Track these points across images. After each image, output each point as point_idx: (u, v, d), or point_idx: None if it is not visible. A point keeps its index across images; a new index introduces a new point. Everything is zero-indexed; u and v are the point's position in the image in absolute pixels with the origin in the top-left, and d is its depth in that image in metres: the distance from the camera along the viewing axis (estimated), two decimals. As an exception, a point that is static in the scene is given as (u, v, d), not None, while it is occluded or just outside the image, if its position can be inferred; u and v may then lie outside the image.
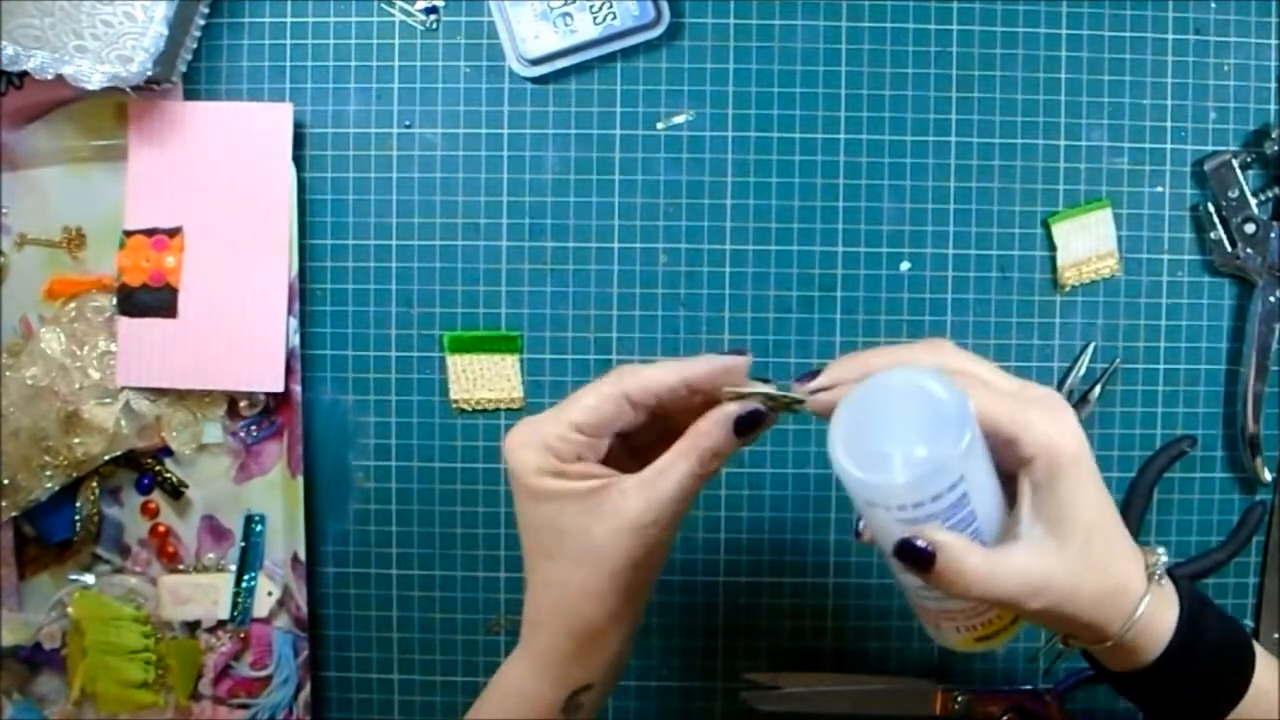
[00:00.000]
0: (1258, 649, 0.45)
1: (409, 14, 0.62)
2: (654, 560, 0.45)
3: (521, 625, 0.47)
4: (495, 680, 0.48)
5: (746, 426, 0.44)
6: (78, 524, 0.63)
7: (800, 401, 0.44)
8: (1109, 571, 0.42)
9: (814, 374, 0.44)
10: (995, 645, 0.47)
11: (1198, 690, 0.43)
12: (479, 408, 0.63)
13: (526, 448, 0.44)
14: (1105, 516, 0.42)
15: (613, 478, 0.44)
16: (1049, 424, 0.41)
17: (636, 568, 0.44)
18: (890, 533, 0.41)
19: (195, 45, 0.62)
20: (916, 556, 0.40)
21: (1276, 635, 0.63)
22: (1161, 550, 0.44)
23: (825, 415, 0.42)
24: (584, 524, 0.44)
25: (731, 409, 0.44)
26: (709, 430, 0.44)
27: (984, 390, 0.41)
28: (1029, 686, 0.63)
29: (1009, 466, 0.43)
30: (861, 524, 0.47)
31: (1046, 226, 0.62)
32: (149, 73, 0.58)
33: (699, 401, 0.45)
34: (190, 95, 0.62)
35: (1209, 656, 0.43)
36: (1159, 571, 0.43)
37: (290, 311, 0.61)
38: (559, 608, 0.45)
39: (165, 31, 0.58)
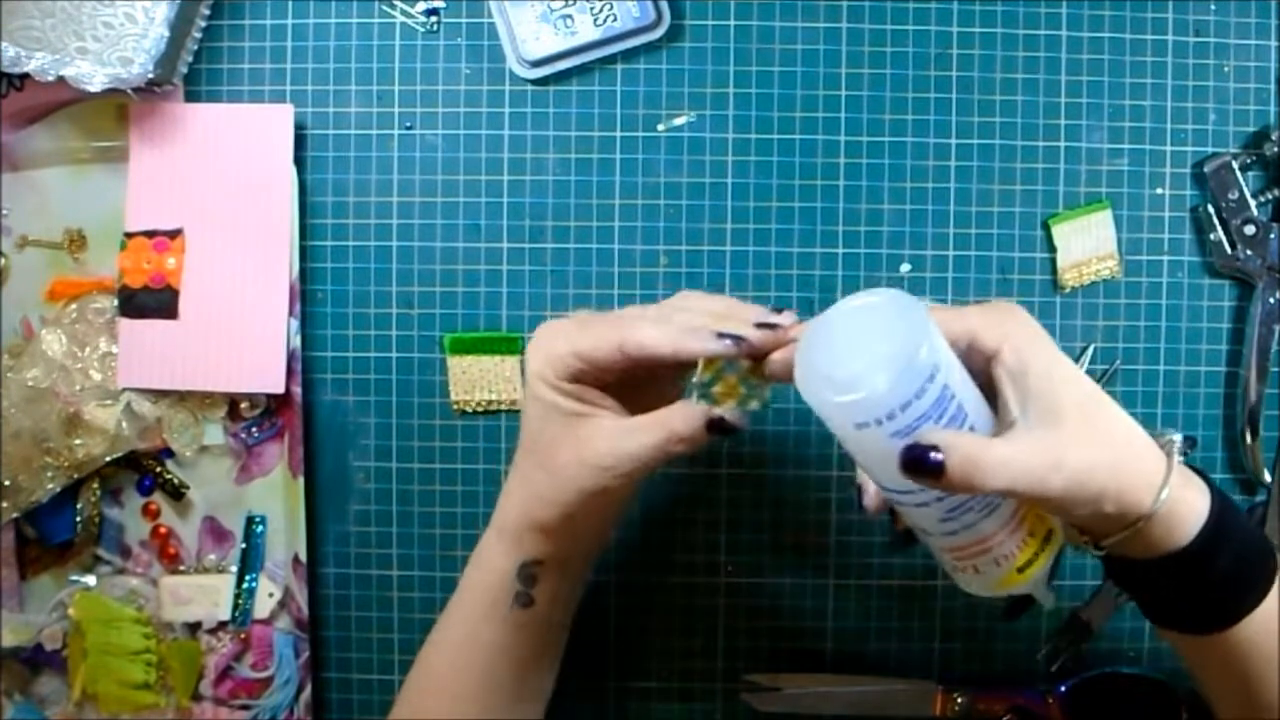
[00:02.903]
0: None
1: (410, 15, 0.62)
2: (608, 497, 0.48)
3: None
4: (471, 555, 0.52)
5: (717, 430, 0.46)
6: (79, 525, 0.63)
7: (760, 372, 0.46)
8: (1120, 441, 0.42)
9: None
10: (1033, 577, 0.46)
11: (1226, 580, 0.43)
12: (479, 409, 0.63)
13: (539, 350, 0.48)
14: (1095, 392, 0.42)
15: (597, 410, 0.47)
16: (999, 314, 0.43)
17: (591, 497, 0.47)
18: (890, 453, 0.40)
19: (196, 47, 0.62)
20: (924, 461, 0.39)
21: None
22: (1176, 434, 0.43)
23: (784, 376, 0.44)
24: (557, 440, 0.47)
25: (711, 413, 0.46)
26: (685, 419, 0.46)
27: (930, 309, 0.42)
28: (1030, 687, 0.63)
29: (979, 367, 0.43)
30: (866, 498, 0.48)
31: (1047, 228, 0.63)
32: (150, 74, 0.58)
33: None
34: (191, 97, 0.63)
35: (1239, 544, 0.42)
36: (1175, 450, 0.43)
37: (291, 313, 0.61)
38: (520, 493, 0.50)
39: (166, 33, 0.58)
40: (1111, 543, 0.43)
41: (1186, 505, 0.42)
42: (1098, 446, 0.41)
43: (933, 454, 0.39)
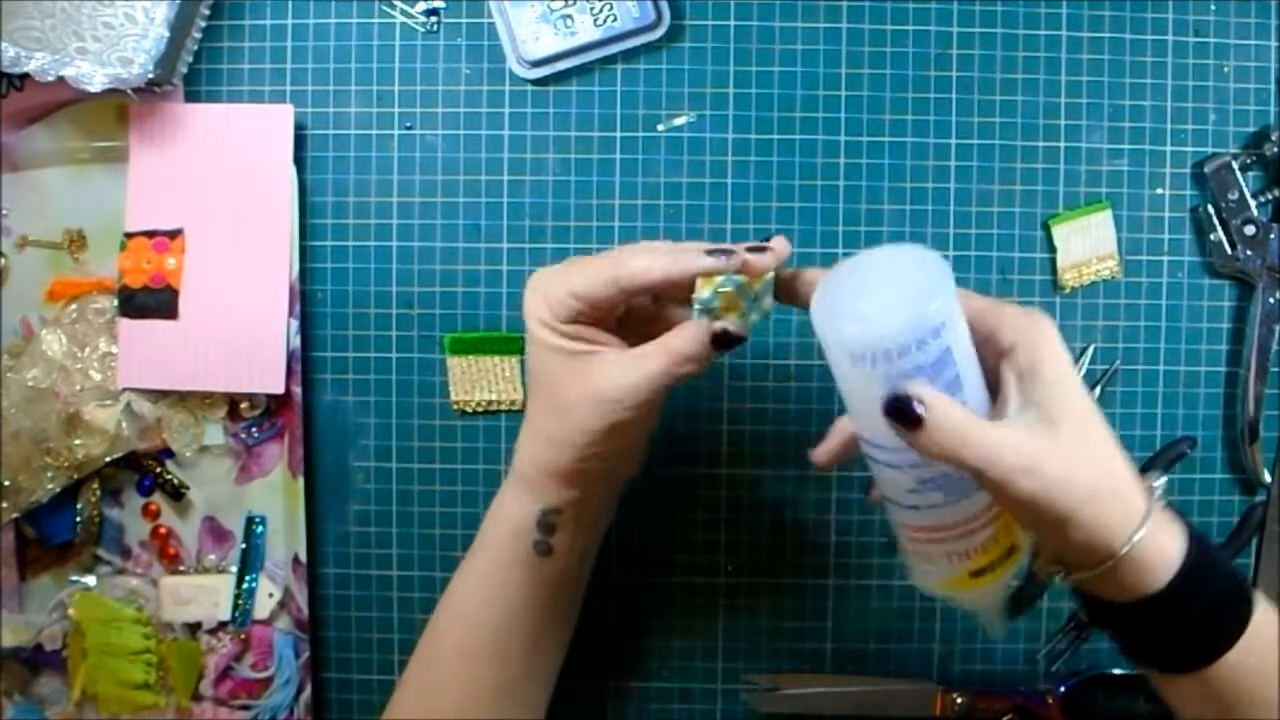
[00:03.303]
0: (1256, 594, 0.43)
1: (410, 16, 0.62)
2: (623, 432, 0.48)
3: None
4: (491, 505, 0.53)
5: (722, 344, 0.46)
6: (79, 525, 0.63)
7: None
8: (1104, 470, 0.41)
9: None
10: (988, 587, 0.45)
11: (1199, 626, 0.42)
12: (479, 409, 0.63)
13: (535, 294, 0.48)
14: (1096, 415, 0.42)
15: (599, 348, 0.48)
16: (1026, 317, 0.43)
17: (603, 434, 0.47)
18: (877, 397, 0.41)
19: (196, 47, 0.62)
20: (906, 408, 0.40)
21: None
22: (1161, 479, 0.43)
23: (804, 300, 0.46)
24: (564, 381, 0.48)
25: (714, 327, 0.46)
26: (688, 338, 0.47)
27: (962, 292, 0.43)
28: (1030, 687, 0.63)
29: (992, 362, 0.43)
30: (821, 444, 0.49)
31: (1047, 228, 0.63)
32: (150, 74, 0.58)
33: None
34: (191, 97, 0.63)
35: (1214, 591, 0.42)
36: (1159, 494, 0.42)
37: (291, 313, 0.61)
38: (532, 441, 0.50)
39: (166, 33, 0.58)
40: (1081, 578, 0.43)
41: (1159, 551, 0.41)
42: (1081, 467, 0.40)
43: (916, 403, 0.40)
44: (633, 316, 0.51)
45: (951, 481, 0.43)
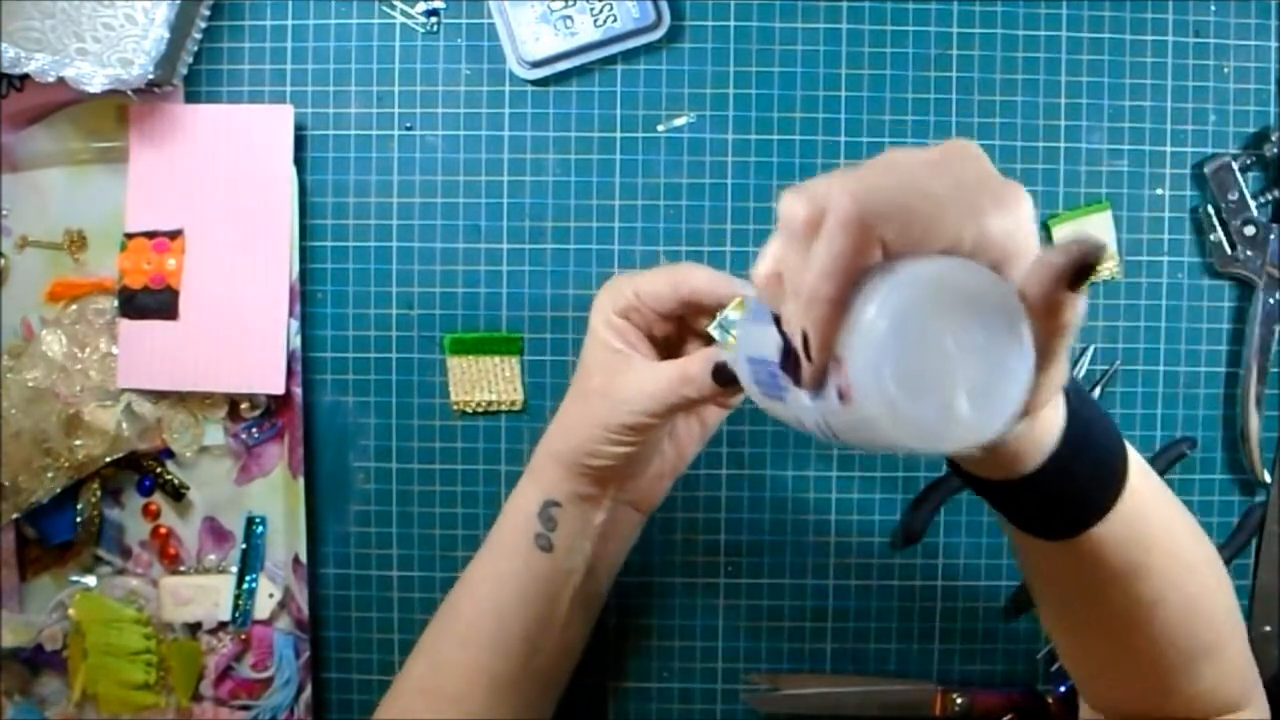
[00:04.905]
0: (1130, 453, 0.42)
1: (410, 16, 0.62)
2: (625, 436, 0.50)
3: None
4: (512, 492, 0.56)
5: (721, 380, 0.48)
6: (79, 526, 0.63)
7: None
8: None
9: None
10: None
11: (1078, 494, 0.40)
12: (479, 410, 0.63)
13: (604, 291, 0.52)
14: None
15: (633, 352, 0.51)
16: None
17: (605, 430, 0.50)
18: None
19: (196, 48, 0.62)
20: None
21: (1268, 628, 0.63)
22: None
23: None
24: (593, 372, 0.51)
25: (715, 354, 0.48)
26: (697, 358, 0.49)
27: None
28: (1029, 687, 0.63)
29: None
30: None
31: (1046, 229, 0.63)
32: (150, 75, 0.58)
33: None
34: (191, 98, 0.62)
35: (1091, 460, 0.40)
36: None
37: (291, 313, 0.61)
38: (555, 428, 0.53)
39: (166, 34, 0.58)
40: (957, 456, 0.40)
41: (1040, 428, 0.38)
42: None
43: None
44: (680, 335, 0.53)
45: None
